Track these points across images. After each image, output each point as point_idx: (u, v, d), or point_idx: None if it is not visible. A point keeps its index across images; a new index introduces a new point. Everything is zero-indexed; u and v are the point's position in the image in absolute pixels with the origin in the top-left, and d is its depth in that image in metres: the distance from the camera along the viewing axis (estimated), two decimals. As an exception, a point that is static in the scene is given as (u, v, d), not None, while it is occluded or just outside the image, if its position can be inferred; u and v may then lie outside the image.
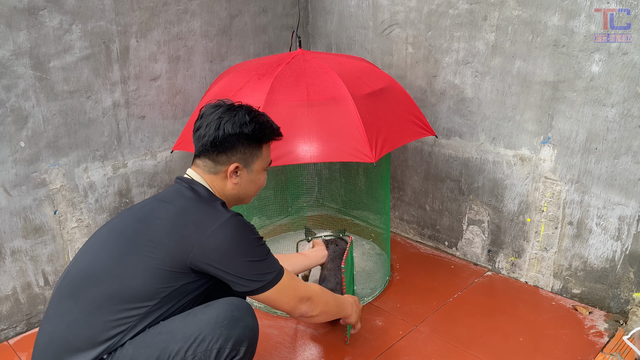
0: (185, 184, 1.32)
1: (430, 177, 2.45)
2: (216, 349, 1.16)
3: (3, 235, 1.87)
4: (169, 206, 1.25)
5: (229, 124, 1.28)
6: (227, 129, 1.28)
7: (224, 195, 1.36)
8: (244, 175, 1.35)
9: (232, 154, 1.32)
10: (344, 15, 2.54)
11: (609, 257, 1.95)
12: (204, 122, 1.31)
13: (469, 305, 2.07)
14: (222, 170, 1.33)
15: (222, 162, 1.32)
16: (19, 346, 1.90)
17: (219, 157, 1.31)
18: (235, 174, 1.34)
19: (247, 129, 1.30)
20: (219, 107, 1.32)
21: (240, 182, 1.35)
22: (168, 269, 1.17)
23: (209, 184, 1.34)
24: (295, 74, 1.83)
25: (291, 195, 2.74)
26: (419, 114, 1.98)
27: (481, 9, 2.02)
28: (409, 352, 1.81)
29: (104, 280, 1.16)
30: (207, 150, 1.31)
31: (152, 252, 1.17)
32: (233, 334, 1.18)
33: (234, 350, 1.19)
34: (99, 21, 1.93)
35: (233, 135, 1.29)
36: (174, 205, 1.25)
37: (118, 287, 1.15)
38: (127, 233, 1.22)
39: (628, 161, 1.81)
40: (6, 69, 1.75)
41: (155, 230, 1.20)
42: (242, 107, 1.33)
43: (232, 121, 1.29)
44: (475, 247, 2.37)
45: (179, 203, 1.26)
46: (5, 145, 1.81)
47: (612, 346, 1.81)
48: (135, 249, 1.18)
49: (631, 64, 1.71)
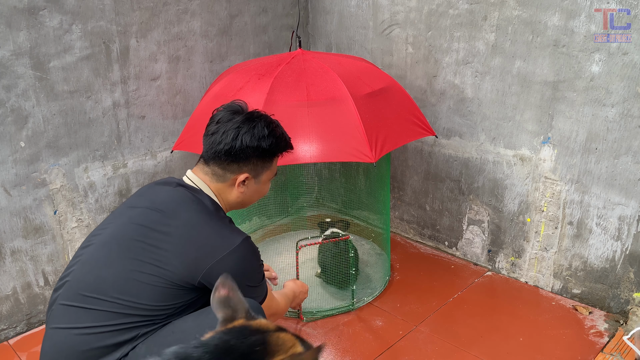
0: (190, 193, 1.28)
1: (430, 177, 2.45)
2: None
3: (3, 235, 1.87)
4: (175, 221, 1.21)
5: (248, 135, 1.26)
6: (245, 140, 1.26)
7: (228, 202, 1.35)
8: (251, 185, 1.34)
9: (244, 165, 1.30)
10: (344, 15, 2.54)
11: (609, 257, 1.95)
12: (221, 128, 1.27)
13: (469, 305, 2.07)
14: (230, 178, 1.31)
15: (232, 171, 1.30)
16: (19, 346, 1.90)
17: (230, 165, 1.29)
18: (243, 184, 1.32)
19: (265, 143, 1.28)
20: (236, 114, 1.29)
21: (247, 191, 1.35)
22: (176, 288, 1.18)
23: (215, 194, 1.32)
24: (295, 74, 1.83)
25: (291, 195, 2.73)
26: (419, 114, 1.98)
27: (481, 9, 2.02)
28: (409, 352, 1.81)
29: (115, 296, 1.16)
30: (219, 157, 1.28)
31: (160, 273, 1.16)
32: None
33: None
34: (99, 21, 1.93)
35: (250, 148, 1.27)
36: (180, 219, 1.22)
37: (128, 304, 1.16)
38: (134, 248, 1.19)
39: (628, 161, 1.80)
40: (6, 69, 1.75)
41: (164, 249, 1.18)
42: (261, 117, 1.30)
43: (251, 133, 1.26)
44: (475, 247, 2.37)
45: (185, 217, 1.22)
46: (5, 145, 1.81)
47: (612, 346, 1.81)
48: (143, 266, 1.17)
49: (631, 64, 1.71)
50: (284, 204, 2.73)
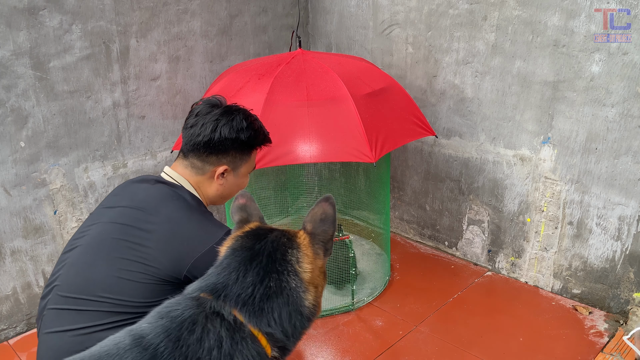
0: (170, 189, 1.28)
1: (430, 177, 2.45)
2: None
3: (3, 235, 1.87)
4: (157, 218, 1.22)
5: (226, 127, 1.27)
6: (224, 132, 1.27)
7: (207, 196, 1.36)
8: (230, 177, 1.35)
9: (222, 157, 1.31)
10: (344, 15, 2.54)
11: (609, 257, 1.95)
12: (200, 121, 1.30)
13: (469, 305, 2.07)
14: (209, 170, 1.32)
15: (211, 163, 1.32)
16: (19, 346, 1.90)
17: (209, 157, 1.31)
18: (222, 176, 1.33)
19: (244, 135, 1.29)
20: (215, 107, 1.31)
21: (226, 184, 1.36)
22: (163, 283, 1.20)
23: (195, 187, 1.33)
24: (295, 74, 1.83)
25: (291, 195, 2.73)
26: (419, 114, 1.98)
27: (481, 9, 2.02)
28: (409, 352, 1.81)
29: (104, 296, 1.18)
30: (198, 149, 1.30)
31: (146, 270, 1.18)
32: None
33: None
34: (99, 21, 1.93)
35: (229, 140, 1.28)
36: (162, 215, 1.23)
37: (117, 302, 1.17)
38: (119, 248, 1.20)
39: (628, 161, 1.80)
40: (6, 69, 1.75)
41: (148, 246, 1.19)
42: (239, 110, 1.32)
43: (230, 125, 1.28)
44: (475, 247, 2.37)
45: (167, 213, 1.23)
46: (5, 145, 1.81)
47: (612, 346, 1.81)
48: (129, 265, 1.18)
49: (631, 64, 1.71)
50: (284, 204, 2.73)
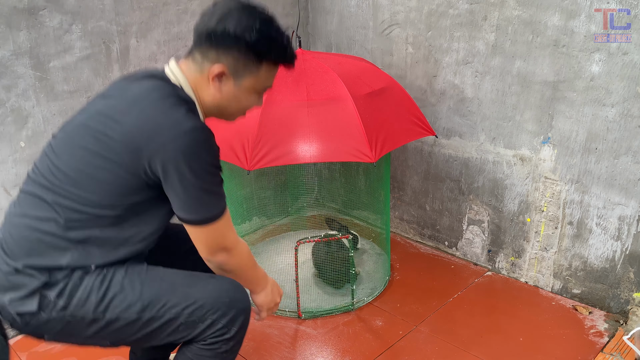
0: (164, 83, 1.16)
1: (430, 177, 2.45)
2: (211, 320, 1.17)
3: (3, 235, 1.87)
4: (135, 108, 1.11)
5: (233, 21, 1.11)
6: (229, 26, 1.11)
7: (204, 104, 1.21)
8: (229, 85, 1.18)
9: (223, 54, 1.14)
10: (344, 15, 2.54)
11: (609, 257, 1.95)
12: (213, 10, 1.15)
13: (469, 305, 2.07)
14: (207, 69, 1.16)
15: (209, 59, 1.15)
16: (19, 346, 1.90)
17: (209, 52, 1.15)
18: (219, 80, 1.17)
19: (249, 37, 1.11)
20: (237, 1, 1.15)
21: (223, 91, 1.19)
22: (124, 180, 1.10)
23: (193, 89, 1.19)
24: (295, 73, 1.83)
25: (291, 195, 2.74)
26: (419, 114, 1.98)
27: (481, 9, 2.02)
28: (409, 352, 1.81)
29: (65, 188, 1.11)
30: (200, 41, 1.15)
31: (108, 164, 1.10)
32: (230, 312, 1.19)
33: (225, 327, 1.20)
34: (99, 21, 1.93)
35: (231, 36, 1.12)
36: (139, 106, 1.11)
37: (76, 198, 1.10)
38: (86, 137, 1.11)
39: (628, 161, 1.81)
40: (6, 69, 1.75)
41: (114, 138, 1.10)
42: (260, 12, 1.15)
43: (238, 20, 1.11)
44: (475, 247, 2.37)
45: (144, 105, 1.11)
46: (5, 145, 1.81)
47: (612, 346, 1.81)
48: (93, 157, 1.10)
49: (631, 64, 1.71)
50: (284, 204, 2.74)
